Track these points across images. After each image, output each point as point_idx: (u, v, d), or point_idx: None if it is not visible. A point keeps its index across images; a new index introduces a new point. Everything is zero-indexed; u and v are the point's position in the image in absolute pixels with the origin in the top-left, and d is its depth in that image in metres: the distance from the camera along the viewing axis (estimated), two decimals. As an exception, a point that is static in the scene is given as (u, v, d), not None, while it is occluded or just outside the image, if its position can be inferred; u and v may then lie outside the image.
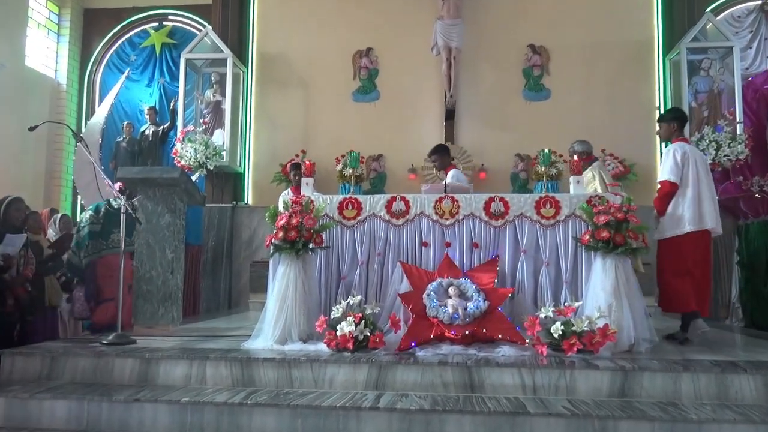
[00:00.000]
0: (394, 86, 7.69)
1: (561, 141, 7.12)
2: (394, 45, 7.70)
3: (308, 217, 3.90)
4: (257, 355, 3.41)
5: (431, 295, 3.80)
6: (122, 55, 8.67)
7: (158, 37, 8.52)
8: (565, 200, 4.11)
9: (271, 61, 7.86)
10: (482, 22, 7.59)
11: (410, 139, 7.50)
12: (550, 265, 4.06)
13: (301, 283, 3.83)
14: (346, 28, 7.78)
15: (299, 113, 7.69)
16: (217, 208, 7.42)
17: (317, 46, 7.80)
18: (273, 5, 7.91)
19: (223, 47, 7.51)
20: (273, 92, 7.83)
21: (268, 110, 7.73)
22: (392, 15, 7.71)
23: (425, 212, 4.21)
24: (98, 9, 8.83)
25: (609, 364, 3.18)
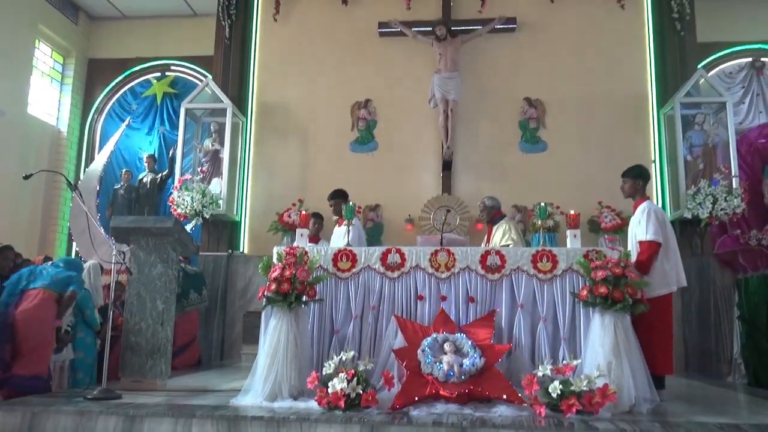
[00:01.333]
0: (391, 137, 7.75)
1: (558, 193, 7.18)
2: (392, 97, 7.81)
3: (302, 269, 3.85)
4: (245, 413, 3.30)
5: (426, 350, 3.71)
6: (124, 104, 8.80)
7: (160, 86, 8.67)
8: (562, 254, 4.07)
9: (271, 110, 7.95)
10: (479, 76, 7.73)
11: (407, 189, 7.51)
12: (548, 320, 3.98)
13: (293, 337, 3.75)
14: (345, 79, 7.91)
15: (297, 163, 7.72)
16: (212, 257, 7.35)
17: (316, 96, 7.90)
18: (273, 56, 8.06)
19: (223, 97, 7.61)
20: (271, 141, 7.88)
21: (266, 159, 7.77)
22: (391, 68, 7.85)
23: (421, 265, 4.16)
24: (102, 59, 9.02)
25: (609, 426, 3.07)
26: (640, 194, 4.59)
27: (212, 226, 7.54)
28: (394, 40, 7.83)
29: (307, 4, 8.08)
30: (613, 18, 7.68)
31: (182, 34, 8.83)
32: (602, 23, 7.71)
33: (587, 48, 7.68)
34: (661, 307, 4.16)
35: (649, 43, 7.63)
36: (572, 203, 6.25)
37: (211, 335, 7.12)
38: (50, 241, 8.38)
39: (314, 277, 4.00)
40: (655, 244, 4.28)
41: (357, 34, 7.96)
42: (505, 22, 7.64)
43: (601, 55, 7.65)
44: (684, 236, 6.98)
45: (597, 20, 7.72)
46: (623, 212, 6.92)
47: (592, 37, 7.69)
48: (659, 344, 4.06)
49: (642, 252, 4.32)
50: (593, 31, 7.71)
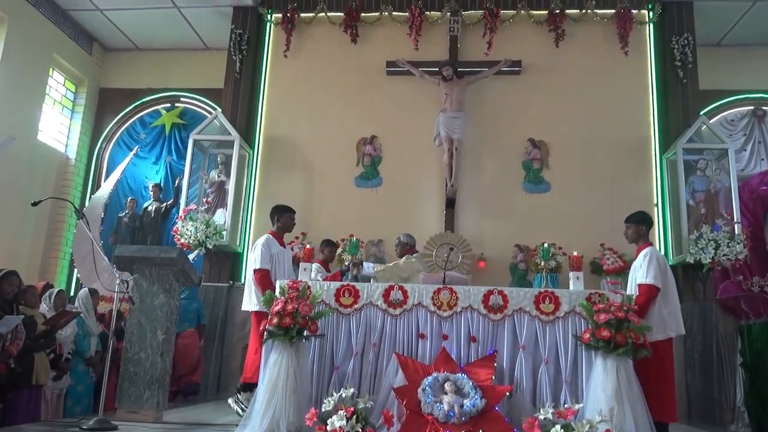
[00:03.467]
0: (396, 173, 7.83)
1: (561, 233, 7.21)
2: (397, 134, 7.91)
3: (304, 304, 3.86)
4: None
5: (426, 390, 3.69)
6: (132, 133, 8.92)
7: (169, 117, 8.80)
8: (564, 296, 4.07)
9: (277, 144, 8.05)
10: (484, 116, 7.84)
11: (410, 225, 7.48)
12: (550, 362, 3.96)
13: (293, 372, 3.74)
14: (352, 115, 8.02)
15: (301, 196, 7.78)
16: (213, 288, 7.35)
17: (323, 131, 8.01)
18: (282, 91, 8.20)
19: (231, 130, 7.71)
20: (276, 174, 7.96)
21: (271, 192, 7.83)
22: (397, 105, 7.98)
23: (423, 303, 4.17)
24: (114, 89, 9.18)
25: (611, 474, 3.03)
26: (643, 239, 4.65)
27: (214, 257, 7.56)
28: (402, 79, 7.98)
29: (317, 41, 8.26)
30: (617, 63, 7.83)
31: (193, 67, 9.01)
32: (606, 68, 7.85)
33: (591, 91, 7.81)
34: (659, 352, 4.15)
35: (652, 88, 7.76)
36: (575, 244, 6.28)
37: (208, 367, 7.06)
38: (51, 267, 8.39)
39: (316, 312, 4.01)
40: (654, 288, 4.32)
41: (365, 71, 8.11)
42: (511, 64, 7.79)
43: (604, 99, 7.77)
44: (686, 281, 6.97)
45: (601, 65, 7.87)
46: (625, 254, 6.93)
47: (597, 81, 7.83)
48: (661, 391, 4.04)
49: (640, 295, 4.35)
50: (597, 75, 7.85)
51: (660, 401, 4.05)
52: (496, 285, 4.31)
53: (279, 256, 5.09)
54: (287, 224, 5.33)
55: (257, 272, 4.90)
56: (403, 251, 5.88)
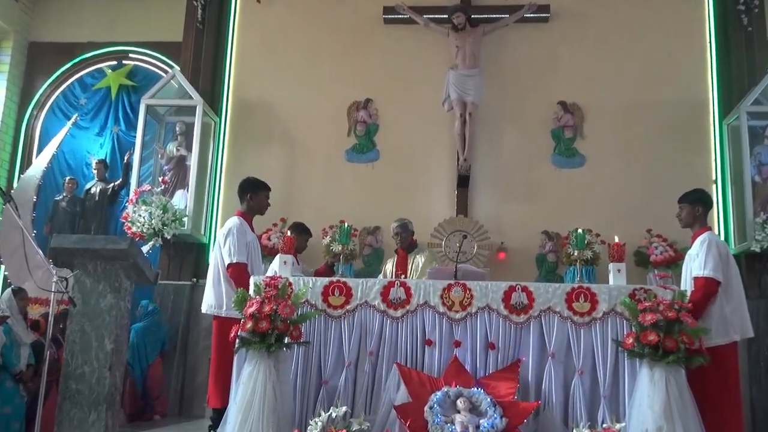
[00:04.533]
0: (396, 145, 7.81)
1: (598, 218, 7.21)
2: (397, 96, 7.88)
3: (284, 304, 3.87)
4: (211, 481, 3.29)
5: (435, 408, 3.73)
6: (70, 98, 8.84)
7: (115, 77, 8.72)
8: (602, 293, 4.09)
9: (249, 110, 8.01)
10: (504, 74, 7.81)
11: (414, 209, 7.51)
12: (585, 373, 3.99)
13: (271, 388, 3.78)
14: (341, 74, 7.98)
15: (280, 174, 7.75)
16: (172, 287, 7.35)
17: (306, 94, 7.97)
18: (254, 46, 8.15)
19: (193, 92, 7.67)
20: (249, 147, 7.93)
21: (243, 168, 7.78)
22: (397, 62, 7.94)
23: (430, 302, 4.18)
24: (46, 43, 9.05)
25: (660, 507, 3.07)
26: (699, 223, 4.67)
27: (174, 249, 7.55)
28: (402, 29, 7.92)
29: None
30: (667, 10, 7.78)
31: (145, 16, 8.88)
32: (654, 15, 7.80)
33: (636, 44, 7.76)
34: (721, 359, 4.18)
35: (709, 39, 7.72)
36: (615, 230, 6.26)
37: (167, 383, 7.09)
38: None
39: (299, 314, 4.03)
40: (713, 282, 4.33)
41: (357, 20, 8.05)
42: (537, 10, 7.73)
43: (652, 53, 7.73)
44: (751, 273, 6.99)
45: (648, 12, 7.81)
46: (677, 242, 6.95)
47: (642, 31, 7.78)
48: (722, 406, 4.06)
49: (697, 290, 4.37)
50: (643, 24, 7.80)
51: (720, 420, 4.08)
52: (520, 280, 4.32)
53: (253, 244, 5.10)
54: (261, 204, 5.33)
55: (234, 267, 4.90)
56: (407, 241, 5.92)
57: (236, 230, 5.00)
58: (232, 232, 5.00)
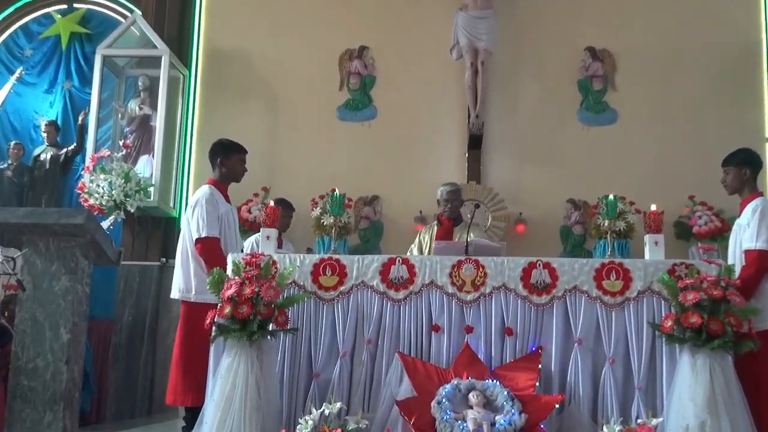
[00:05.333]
0: (396, 100, 7.79)
1: (632, 182, 7.21)
2: (397, 44, 7.85)
3: (268, 286, 3.88)
4: (186, 489, 3.34)
5: (444, 403, 3.75)
6: (14, 49, 8.77)
7: (66, 24, 8.65)
8: (637, 269, 4.11)
9: (224, 61, 7.97)
10: (522, 16, 7.77)
11: (418, 175, 7.53)
12: (617, 362, 4.02)
13: (254, 382, 3.79)
14: (331, 18, 7.94)
15: (260, 135, 7.73)
16: (137, 268, 7.37)
17: (290, 42, 7.94)
18: (230, -16, 8.10)
19: (157, 41, 7.62)
20: (225, 105, 7.90)
21: (217, 129, 7.74)
22: (396, 2, 7.89)
23: (437, 282, 4.20)
24: (-18, -17, 8.99)
25: None
26: (749, 188, 4.67)
27: (139, 225, 7.57)
28: (402, -37, 7.88)
29: None
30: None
31: (99, -50, 8.83)
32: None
33: (676, -22, 7.73)
34: None
35: (764, -29, 7.68)
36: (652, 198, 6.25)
37: (134, 379, 7.15)
38: None
39: (286, 297, 4.04)
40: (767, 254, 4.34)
41: (349, -48, 8.00)
42: (561, -62, 7.68)
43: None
44: (810, 247, 7.02)
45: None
46: (724, 211, 6.96)
47: (684, -39, 7.74)
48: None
49: (748, 265, 4.39)
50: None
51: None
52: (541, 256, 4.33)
53: (227, 217, 5.10)
54: (234, 170, 5.33)
55: (203, 243, 4.91)
56: (455, 211, 5.98)
57: (205, 200, 5.01)
58: (201, 203, 5.01)
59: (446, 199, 5.99)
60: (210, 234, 4.90)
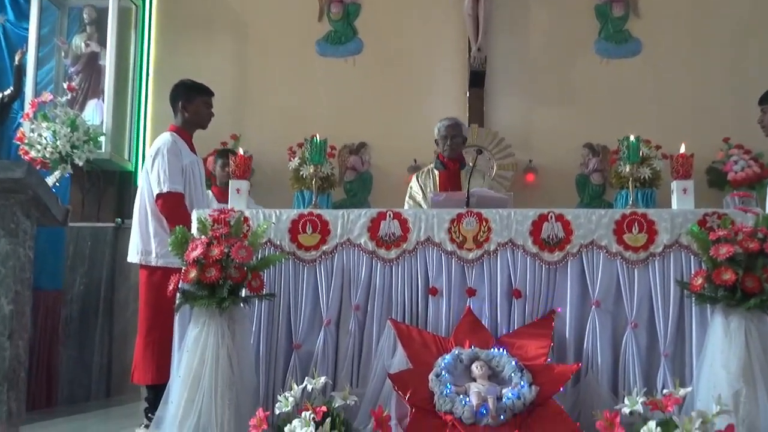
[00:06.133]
0: (385, 32, 7.78)
1: (658, 123, 7.24)
2: (385, -36, 7.80)
3: (239, 246, 3.87)
4: (151, 476, 3.39)
5: (443, 375, 3.77)
6: (-66, -24, 8.68)
7: (-5, -55, 8.55)
8: (663, 220, 4.12)
9: (184, -12, 7.92)
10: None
11: (411, 118, 7.53)
12: (640, 326, 4.05)
13: (226, 356, 3.80)
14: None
15: (228, 74, 7.71)
16: (89, 230, 7.36)
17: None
18: None
19: (104, -36, 7.55)
20: (186, 40, 7.85)
21: (178, 69, 7.68)
22: None
23: (434, 238, 4.21)
24: None
25: (736, 492, 3.17)
26: None
27: (90, 180, 7.55)
28: None
29: None
30: None
31: None
32: None
33: None
34: None
35: None
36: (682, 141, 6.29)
37: (89, 358, 7.18)
38: None
39: (260, 258, 4.04)
40: None
41: None
42: None
43: None
44: None
45: None
46: (763, 155, 6.99)
47: None
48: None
49: None
50: None
51: None
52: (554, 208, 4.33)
53: (192, 169, 5.10)
54: (199, 114, 5.33)
55: (165, 198, 4.92)
56: (457, 150, 5.94)
57: (167, 150, 5.00)
58: (161, 153, 5.00)
59: (445, 135, 5.95)
60: (172, 188, 4.90)
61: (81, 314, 7.14)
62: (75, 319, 7.20)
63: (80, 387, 6.98)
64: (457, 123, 6.05)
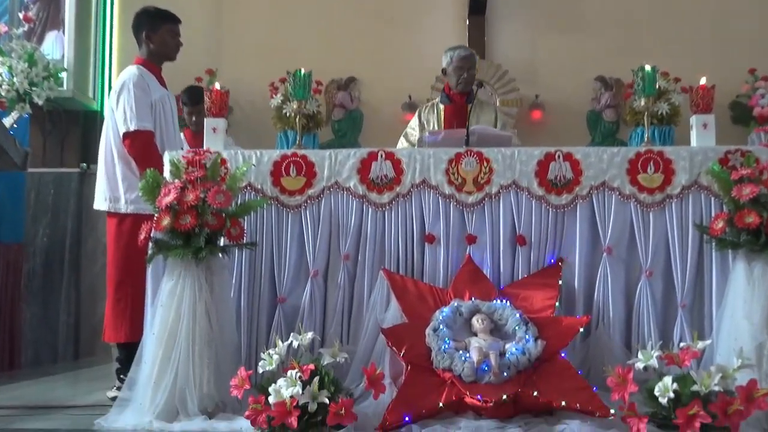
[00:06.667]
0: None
1: (677, 52, 7.19)
2: None
3: (216, 190, 3.87)
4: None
5: (441, 330, 3.80)
6: None
7: None
8: (681, 158, 4.13)
9: None
10: None
11: (405, 49, 7.49)
12: (655, 274, 4.09)
13: (203, 311, 3.82)
14: None
15: (204, 2, 7.62)
16: (51, 177, 7.36)
17: None
18: None
19: None
20: (154, -37, 7.77)
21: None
22: None
23: (430, 181, 4.22)
24: None
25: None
26: None
27: (51, 121, 7.52)
28: None
29: None
30: None
31: None
32: None
33: None
34: None
35: None
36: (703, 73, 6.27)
37: (54, 316, 7.21)
38: None
39: (240, 204, 4.06)
40: None
41: None
42: None
43: None
44: None
45: None
46: (793, 87, 6.99)
47: None
48: None
49: None
50: None
51: None
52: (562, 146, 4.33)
53: (162, 105, 5.07)
54: (165, 44, 5.29)
55: (133, 137, 4.90)
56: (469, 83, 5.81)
57: (133, 84, 4.97)
58: (127, 88, 4.97)
59: (459, 67, 5.82)
60: (141, 126, 4.88)
61: (45, 269, 7.17)
62: (38, 274, 7.22)
63: (46, 348, 7.03)
64: (473, 54, 5.97)
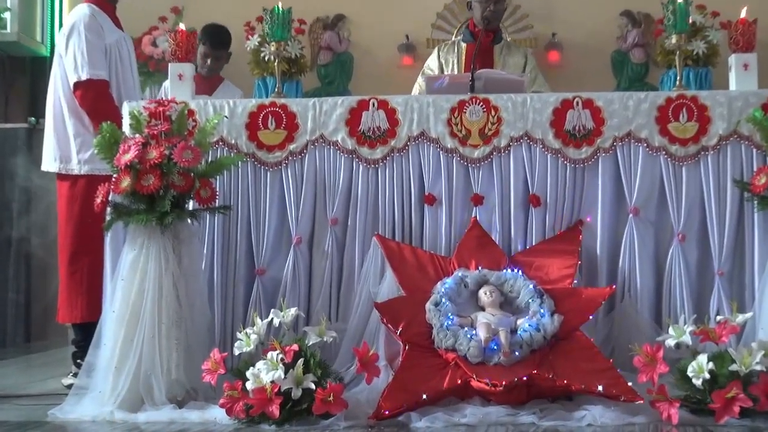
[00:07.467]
0: None
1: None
2: None
3: (184, 146, 3.87)
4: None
5: (444, 304, 3.82)
6: None
7: None
8: (718, 104, 4.13)
9: None
10: None
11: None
12: (689, 238, 4.10)
13: (170, 284, 3.84)
14: None
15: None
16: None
17: None
18: None
19: None
20: None
21: None
22: None
23: (429, 133, 4.22)
24: None
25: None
26: None
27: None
28: None
29: None
30: None
31: None
32: None
33: None
34: None
35: None
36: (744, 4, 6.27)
37: (1, 294, 7.24)
38: None
39: (210, 162, 4.06)
40: None
41: None
42: None
43: None
44: None
45: None
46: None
47: None
48: None
49: None
50: None
51: None
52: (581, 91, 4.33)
53: (119, 49, 5.05)
54: None
55: (86, 86, 4.89)
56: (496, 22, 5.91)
57: (84, 26, 4.94)
58: (77, 30, 4.94)
59: (483, 1, 5.82)
60: (94, 74, 4.86)
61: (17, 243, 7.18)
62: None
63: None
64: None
